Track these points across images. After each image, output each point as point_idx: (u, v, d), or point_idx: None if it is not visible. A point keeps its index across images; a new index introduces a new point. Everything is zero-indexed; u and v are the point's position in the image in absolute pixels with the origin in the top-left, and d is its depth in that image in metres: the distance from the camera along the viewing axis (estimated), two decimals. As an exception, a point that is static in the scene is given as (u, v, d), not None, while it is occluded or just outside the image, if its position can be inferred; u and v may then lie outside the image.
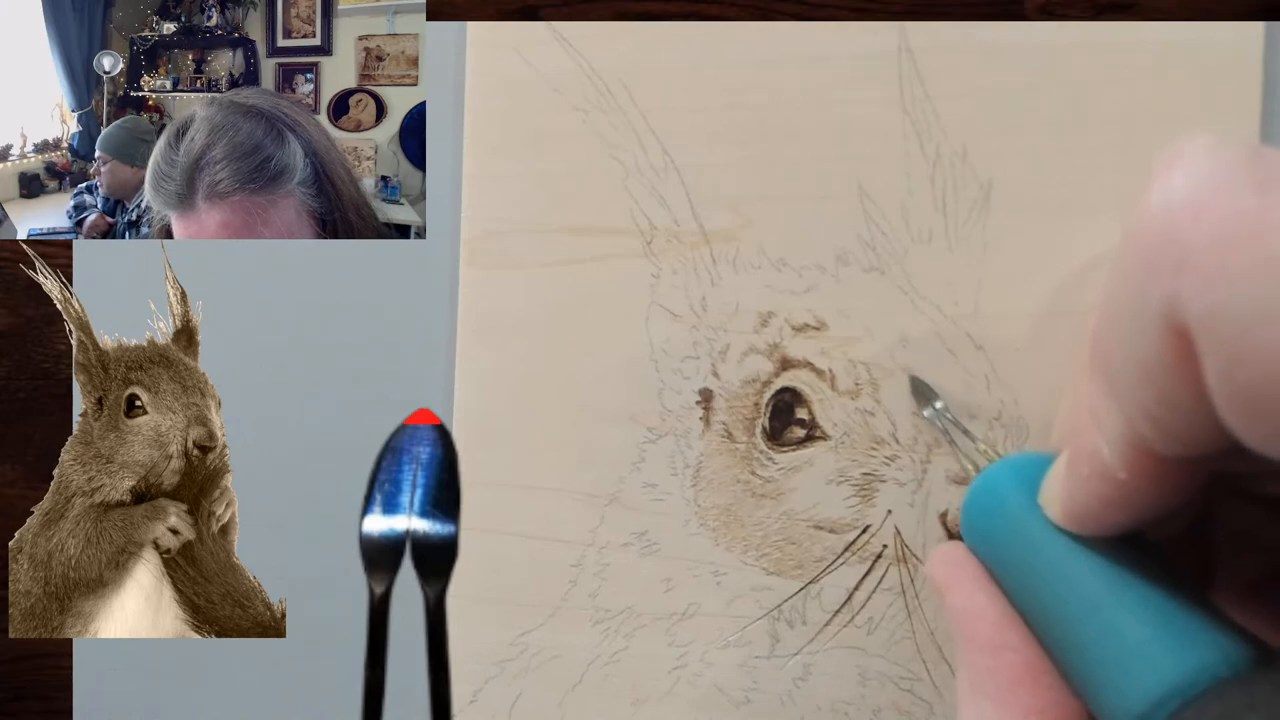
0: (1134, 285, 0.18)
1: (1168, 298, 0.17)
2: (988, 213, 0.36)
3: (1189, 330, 0.17)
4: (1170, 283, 0.17)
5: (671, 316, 0.37)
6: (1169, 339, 0.18)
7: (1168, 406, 0.18)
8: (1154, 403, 0.19)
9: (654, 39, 0.38)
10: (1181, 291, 0.17)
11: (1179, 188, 0.18)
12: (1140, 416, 0.19)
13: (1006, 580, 0.25)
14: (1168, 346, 0.18)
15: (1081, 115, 0.35)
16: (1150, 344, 0.18)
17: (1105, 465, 0.20)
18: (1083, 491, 0.22)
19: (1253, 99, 0.35)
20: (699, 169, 0.37)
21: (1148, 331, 0.18)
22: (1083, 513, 0.22)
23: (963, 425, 0.34)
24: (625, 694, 0.38)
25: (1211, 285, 0.17)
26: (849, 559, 0.36)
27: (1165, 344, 0.18)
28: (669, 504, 0.37)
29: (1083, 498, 0.22)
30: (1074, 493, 0.22)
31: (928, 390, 0.35)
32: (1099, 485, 0.21)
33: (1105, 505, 0.21)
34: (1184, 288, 0.17)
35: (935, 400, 0.34)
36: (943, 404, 0.34)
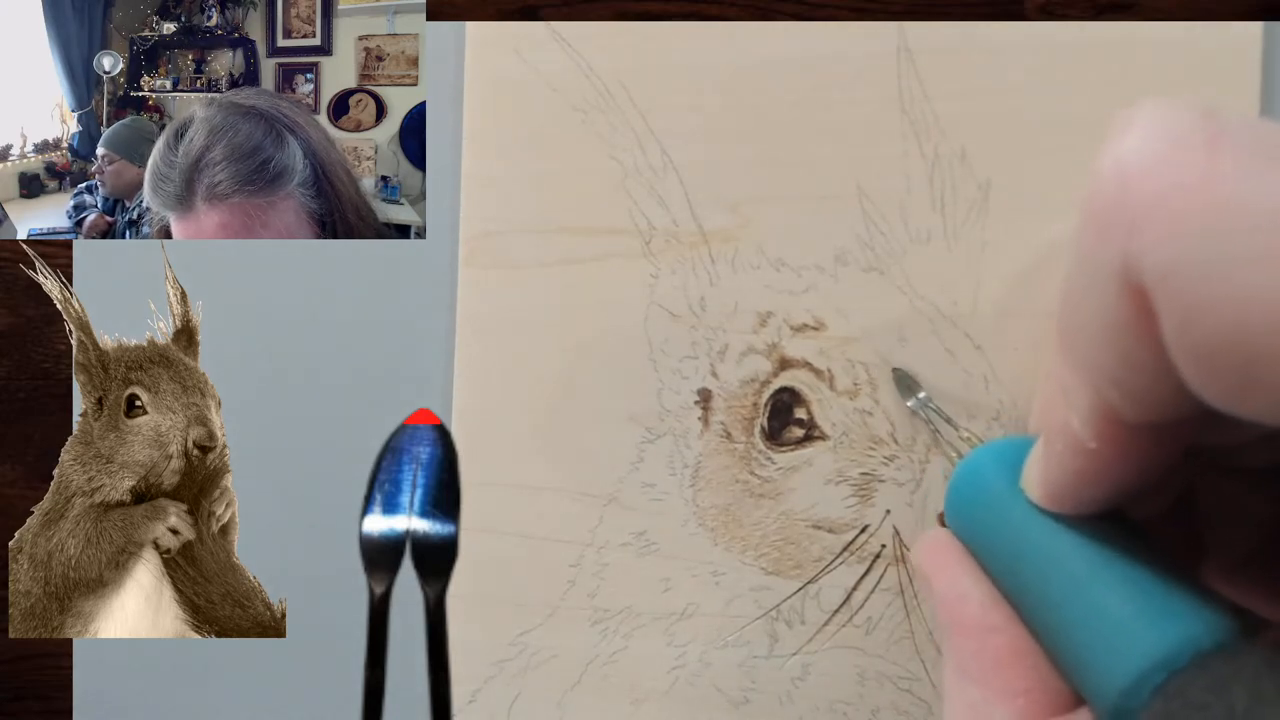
0: (1091, 248, 0.18)
1: (1123, 256, 0.18)
2: (986, 213, 0.36)
3: (1145, 288, 0.17)
4: (1124, 241, 0.17)
5: (670, 316, 0.37)
6: (1127, 299, 0.18)
7: (1130, 368, 0.19)
8: (1117, 366, 0.19)
9: (653, 39, 0.38)
10: (1135, 249, 0.17)
11: (1130, 148, 0.18)
12: (1106, 382, 0.19)
13: (991, 564, 0.25)
14: (1126, 306, 0.18)
15: (1081, 115, 0.35)
16: (1110, 306, 0.18)
17: (1076, 437, 0.21)
18: (1057, 468, 0.22)
19: (1252, 99, 0.35)
20: (698, 169, 0.37)
21: (1106, 293, 0.18)
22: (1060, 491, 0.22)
23: (945, 414, 0.34)
24: (624, 694, 0.38)
25: (1164, 241, 0.17)
26: (847, 559, 0.36)
27: (1124, 304, 0.18)
28: (668, 504, 0.37)
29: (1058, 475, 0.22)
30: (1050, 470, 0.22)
31: (911, 381, 0.35)
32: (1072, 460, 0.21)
33: (1080, 480, 0.21)
34: (1138, 245, 0.17)
35: (918, 391, 0.35)
36: (925, 394, 0.34)
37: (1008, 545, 0.24)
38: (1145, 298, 0.17)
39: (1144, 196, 0.17)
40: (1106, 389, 0.19)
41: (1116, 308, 0.18)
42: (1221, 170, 0.17)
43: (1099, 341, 0.19)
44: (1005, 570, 0.24)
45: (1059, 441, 0.21)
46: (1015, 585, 0.24)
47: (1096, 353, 0.19)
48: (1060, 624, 0.22)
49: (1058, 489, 0.22)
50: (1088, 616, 0.21)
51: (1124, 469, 0.21)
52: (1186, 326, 0.17)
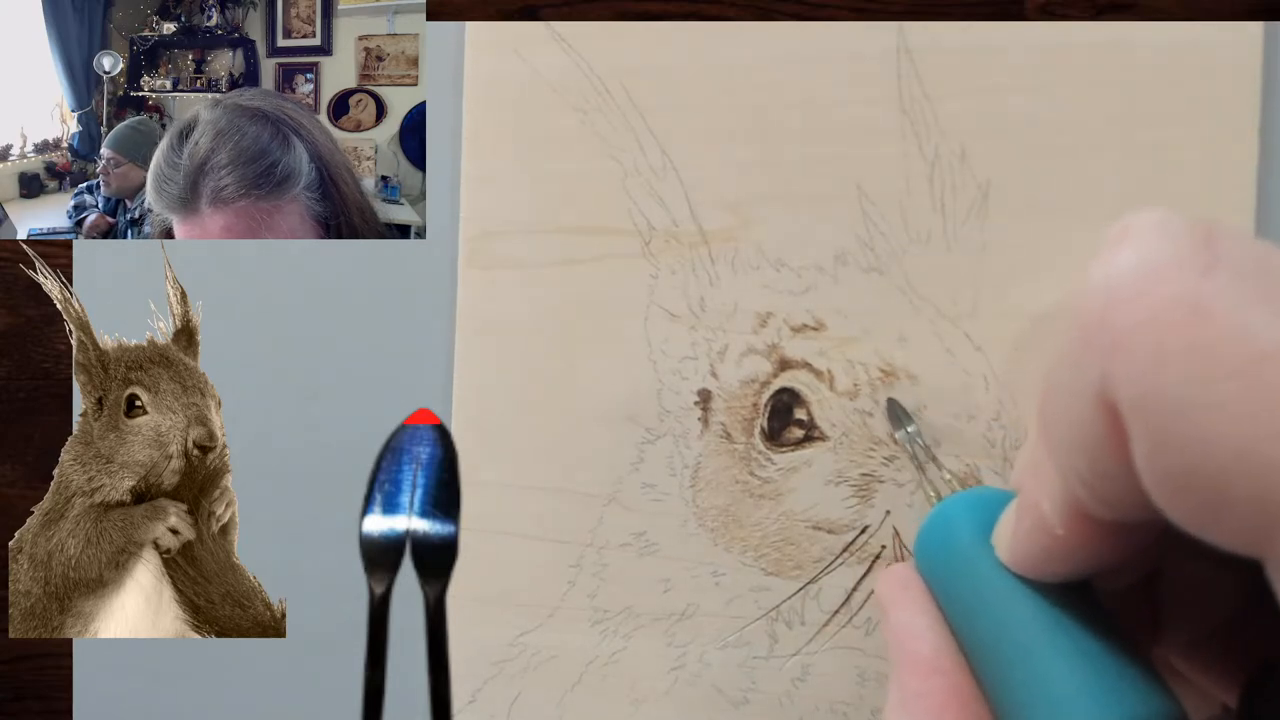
0: (1072, 358, 0.18)
1: (1101, 377, 0.17)
2: (986, 213, 0.36)
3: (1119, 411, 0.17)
4: (1104, 362, 0.17)
5: (670, 317, 0.37)
6: (1101, 415, 0.18)
7: (1099, 476, 0.19)
8: (1087, 470, 0.19)
9: (653, 39, 0.38)
10: (1113, 372, 0.17)
11: (1121, 266, 0.18)
12: (1075, 481, 0.19)
13: (951, 610, 0.25)
14: (1100, 422, 0.18)
15: (1081, 115, 0.35)
16: (1084, 417, 0.18)
17: (1045, 520, 0.21)
18: (1025, 540, 0.22)
19: (1252, 99, 0.35)
20: (698, 169, 0.37)
21: (1082, 405, 0.18)
22: (1024, 559, 0.22)
23: (932, 453, 0.34)
24: (624, 694, 0.38)
25: (1141, 370, 0.17)
26: (847, 559, 0.36)
27: (1097, 419, 0.18)
28: (667, 504, 0.37)
29: (1024, 546, 0.22)
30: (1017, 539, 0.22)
31: (903, 413, 0.35)
32: (1040, 537, 0.21)
33: (1045, 555, 0.22)
34: (1116, 369, 0.17)
35: (909, 425, 0.34)
36: (915, 429, 0.34)
37: (970, 595, 0.24)
38: (1119, 417, 0.17)
39: (1128, 321, 0.17)
40: (1076, 487, 0.19)
41: (1091, 420, 0.18)
42: (1209, 308, 0.16)
43: (1071, 444, 0.19)
44: (964, 618, 0.24)
45: (1028, 518, 0.22)
46: (971, 635, 0.24)
47: (1068, 453, 0.19)
48: (1008, 682, 0.22)
49: (1023, 557, 0.22)
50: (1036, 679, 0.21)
51: (1087, 555, 0.21)
52: (1156, 453, 0.17)
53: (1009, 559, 0.23)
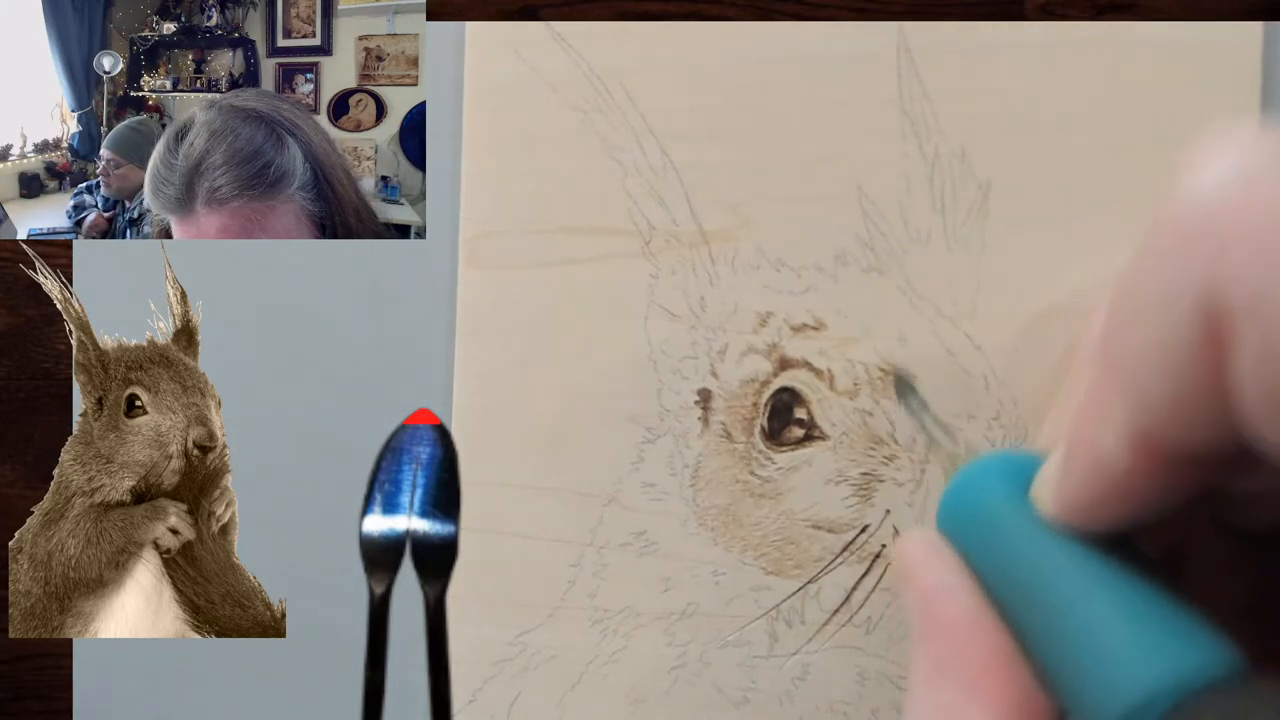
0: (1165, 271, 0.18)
1: (1205, 281, 0.17)
2: (986, 213, 0.36)
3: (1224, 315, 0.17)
4: (1209, 265, 0.17)
5: (670, 316, 0.37)
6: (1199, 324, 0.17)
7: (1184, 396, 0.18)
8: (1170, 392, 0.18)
9: (653, 39, 0.38)
10: (1222, 274, 0.17)
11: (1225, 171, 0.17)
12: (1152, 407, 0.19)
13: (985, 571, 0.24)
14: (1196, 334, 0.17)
15: (1081, 115, 0.35)
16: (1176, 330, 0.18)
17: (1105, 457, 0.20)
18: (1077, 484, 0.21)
19: (1252, 99, 0.35)
20: (697, 169, 0.37)
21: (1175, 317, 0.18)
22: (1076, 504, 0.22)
23: (943, 422, 0.34)
24: (624, 694, 0.38)
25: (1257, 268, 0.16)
26: (847, 559, 0.36)
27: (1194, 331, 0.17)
28: (668, 504, 0.37)
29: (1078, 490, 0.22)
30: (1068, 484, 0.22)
31: (909, 385, 0.35)
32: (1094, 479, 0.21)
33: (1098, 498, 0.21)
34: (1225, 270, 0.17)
35: (917, 396, 0.34)
36: (923, 399, 0.34)
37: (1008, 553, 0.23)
38: (1220, 325, 0.17)
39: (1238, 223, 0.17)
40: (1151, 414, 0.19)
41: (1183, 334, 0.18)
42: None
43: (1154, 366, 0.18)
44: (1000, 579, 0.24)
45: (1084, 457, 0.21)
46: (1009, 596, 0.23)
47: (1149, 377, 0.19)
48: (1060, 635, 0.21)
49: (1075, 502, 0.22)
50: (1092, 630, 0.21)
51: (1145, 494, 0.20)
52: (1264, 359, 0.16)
53: (1058, 506, 0.22)
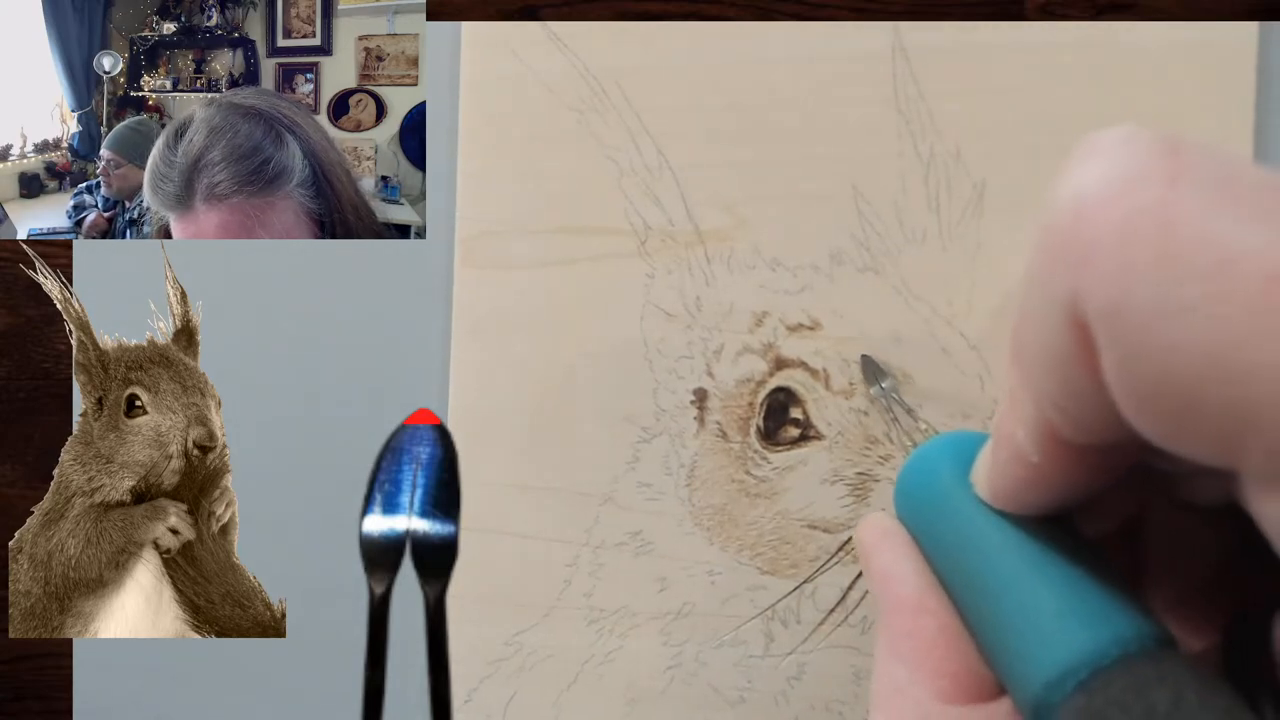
0: (1041, 275, 0.18)
1: (1070, 291, 0.17)
2: (981, 213, 0.36)
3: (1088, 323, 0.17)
4: (1073, 276, 0.17)
5: (666, 316, 0.38)
6: (1071, 330, 0.18)
7: (1071, 395, 0.19)
8: (1059, 391, 0.19)
9: (649, 39, 0.38)
10: (1083, 286, 0.17)
11: (1089, 180, 0.18)
12: (1048, 404, 0.19)
13: (933, 551, 0.26)
14: (1070, 337, 0.18)
15: (1076, 115, 0.35)
16: (1054, 334, 0.18)
17: (1020, 449, 0.21)
18: (1003, 472, 0.22)
19: (1249, 98, 0.35)
20: (693, 169, 0.37)
21: (1052, 321, 0.18)
22: (1002, 492, 0.23)
23: (906, 405, 0.34)
24: (620, 693, 0.38)
25: (1112, 281, 0.17)
26: (843, 559, 0.36)
27: (1067, 335, 0.18)
28: (663, 504, 0.37)
29: (1001, 478, 0.23)
30: (996, 473, 0.23)
31: (877, 368, 0.35)
32: (1016, 467, 0.22)
33: (1023, 486, 0.22)
34: (1085, 282, 0.17)
35: (883, 380, 0.35)
36: (890, 383, 0.35)
37: (952, 534, 0.24)
38: (1088, 331, 0.17)
39: (1096, 234, 0.17)
40: (1049, 410, 0.20)
41: (1060, 337, 0.18)
42: (1176, 214, 0.16)
43: (1042, 365, 0.19)
44: (946, 558, 0.25)
45: (1004, 449, 0.22)
46: (954, 574, 0.24)
47: (1041, 376, 0.19)
48: (994, 613, 0.23)
49: (1001, 490, 0.23)
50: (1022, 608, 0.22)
51: (1063, 482, 0.21)
52: (1125, 365, 0.17)
53: (987, 493, 0.23)
